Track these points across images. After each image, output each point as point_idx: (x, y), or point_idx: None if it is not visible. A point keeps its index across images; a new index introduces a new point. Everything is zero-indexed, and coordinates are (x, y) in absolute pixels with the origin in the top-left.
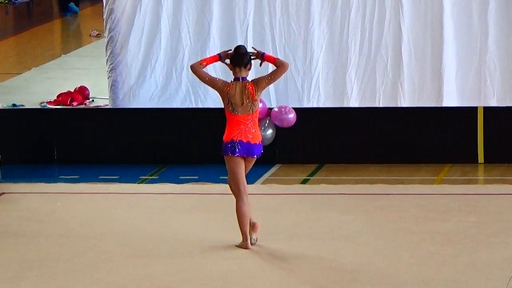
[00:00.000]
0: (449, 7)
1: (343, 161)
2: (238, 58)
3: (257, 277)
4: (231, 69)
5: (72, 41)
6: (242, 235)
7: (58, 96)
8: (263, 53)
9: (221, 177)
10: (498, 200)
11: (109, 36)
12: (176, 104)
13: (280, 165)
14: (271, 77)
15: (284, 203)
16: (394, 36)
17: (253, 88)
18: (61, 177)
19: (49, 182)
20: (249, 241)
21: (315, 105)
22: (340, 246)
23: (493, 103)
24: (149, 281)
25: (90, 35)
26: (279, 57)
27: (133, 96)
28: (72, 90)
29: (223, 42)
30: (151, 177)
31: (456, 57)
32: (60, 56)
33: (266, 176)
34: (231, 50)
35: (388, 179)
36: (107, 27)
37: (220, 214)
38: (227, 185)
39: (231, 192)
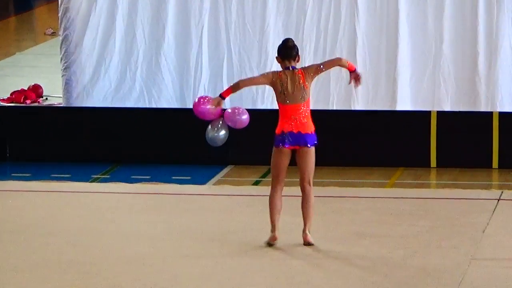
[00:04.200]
0: (404, 11)
1: (295, 163)
2: (287, 51)
3: (207, 278)
4: (279, 62)
5: (27, 39)
6: (271, 225)
7: (11, 94)
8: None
9: (173, 177)
10: (450, 204)
11: (64, 34)
12: (130, 103)
13: (233, 166)
14: (322, 66)
15: (236, 204)
16: (349, 39)
17: (303, 74)
18: (13, 175)
19: (1, 180)
20: (276, 232)
21: (268, 107)
22: (290, 248)
23: (446, 107)
24: (98, 280)
25: (45, 33)
26: (233, 59)
27: (86, 95)
28: (26, 88)
29: (178, 42)
30: (103, 176)
31: (410, 61)
32: (14, 54)
33: (218, 177)
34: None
35: (341, 182)
36: (62, 26)
37: (171, 214)
38: (179, 185)
39: (182, 192)
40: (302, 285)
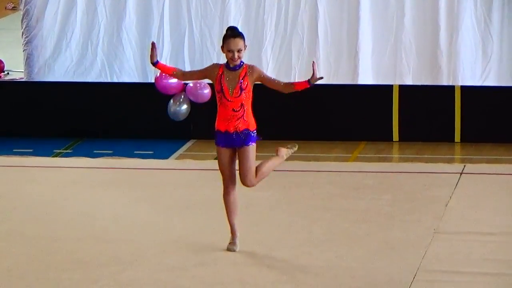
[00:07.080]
0: None
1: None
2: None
3: (170, 253)
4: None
5: None
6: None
7: None
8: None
9: (135, 152)
10: (412, 178)
11: (25, 9)
12: (91, 78)
13: (195, 140)
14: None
15: (198, 179)
16: (310, 13)
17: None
18: None
19: None
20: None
21: None
22: (254, 222)
23: (408, 81)
24: (61, 254)
25: (6, 8)
26: (195, 33)
27: (48, 70)
28: None
29: (139, 17)
30: (65, 151)
31: (372, 35)
32: None
33: (180, 151)
34: None
35: (303, 156)
36: (23, 0)
37: (134, 189)
38: (142, 159)
39: (145, 167)
40: (265, 259)
